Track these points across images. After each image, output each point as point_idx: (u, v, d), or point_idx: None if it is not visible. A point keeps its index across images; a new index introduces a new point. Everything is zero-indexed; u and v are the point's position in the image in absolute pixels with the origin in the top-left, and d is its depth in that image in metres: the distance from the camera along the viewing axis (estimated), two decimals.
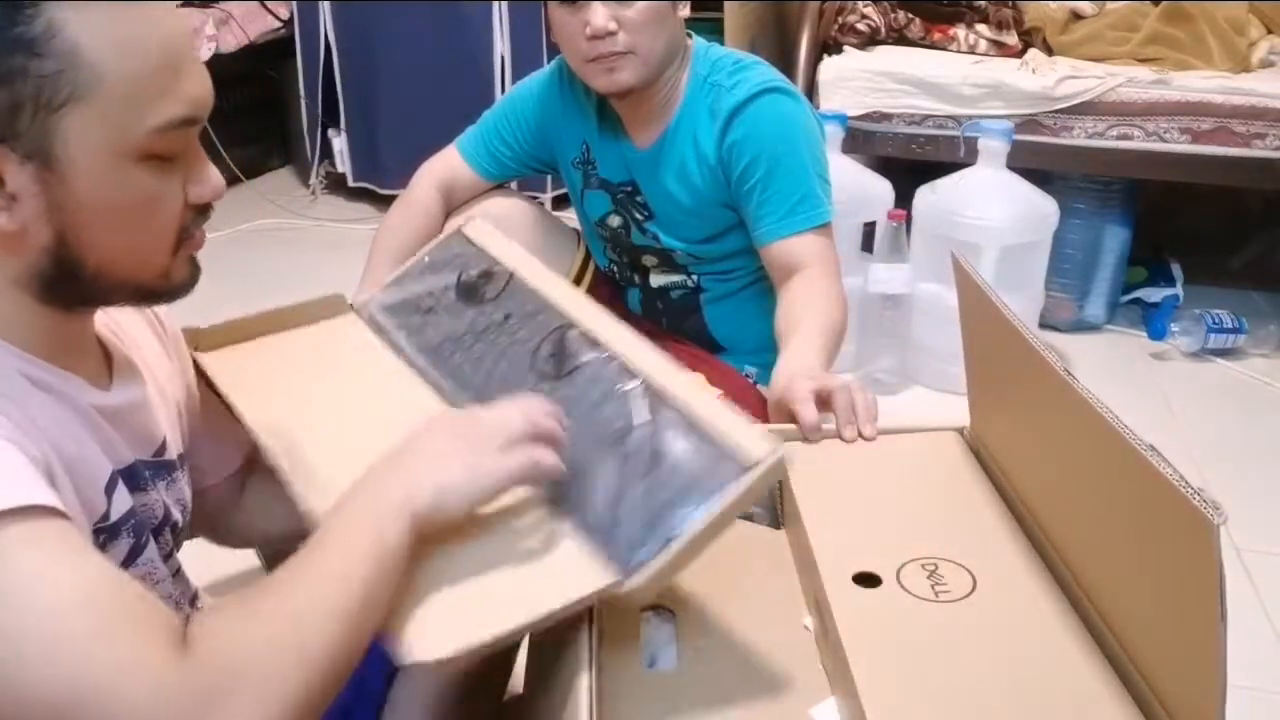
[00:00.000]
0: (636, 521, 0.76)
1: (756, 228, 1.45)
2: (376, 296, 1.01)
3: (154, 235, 0.70)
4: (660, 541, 0.74)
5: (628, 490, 0.78)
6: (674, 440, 0.80)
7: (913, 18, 2.55)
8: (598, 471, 0.80)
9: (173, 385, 0.88)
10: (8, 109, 0.62)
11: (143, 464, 0.78)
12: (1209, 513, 0.59)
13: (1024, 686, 0.74)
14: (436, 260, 1.01)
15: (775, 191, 1.42)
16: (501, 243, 1.01)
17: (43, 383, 0.69)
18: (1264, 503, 1.84)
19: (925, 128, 2.41)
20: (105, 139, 0.64)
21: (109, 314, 0.81)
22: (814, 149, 1.46)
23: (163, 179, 0.68)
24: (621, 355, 0.87)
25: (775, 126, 1.43)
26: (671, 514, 0.75)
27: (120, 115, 0.64)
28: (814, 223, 1.42)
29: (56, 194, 0.65)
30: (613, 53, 1.37)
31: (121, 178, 0.66)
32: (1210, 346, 2.38)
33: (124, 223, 0.67)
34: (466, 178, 1.63)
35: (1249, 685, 1.40)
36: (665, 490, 0.77)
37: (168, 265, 0.72)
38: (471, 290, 0.96)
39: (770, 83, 1.44)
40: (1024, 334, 0.83)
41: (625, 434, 0.82)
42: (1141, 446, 0.66)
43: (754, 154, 1.42)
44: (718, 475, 0.76)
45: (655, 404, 0.83)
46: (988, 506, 0.94)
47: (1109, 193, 2.44)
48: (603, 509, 0.78)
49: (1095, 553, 0.79)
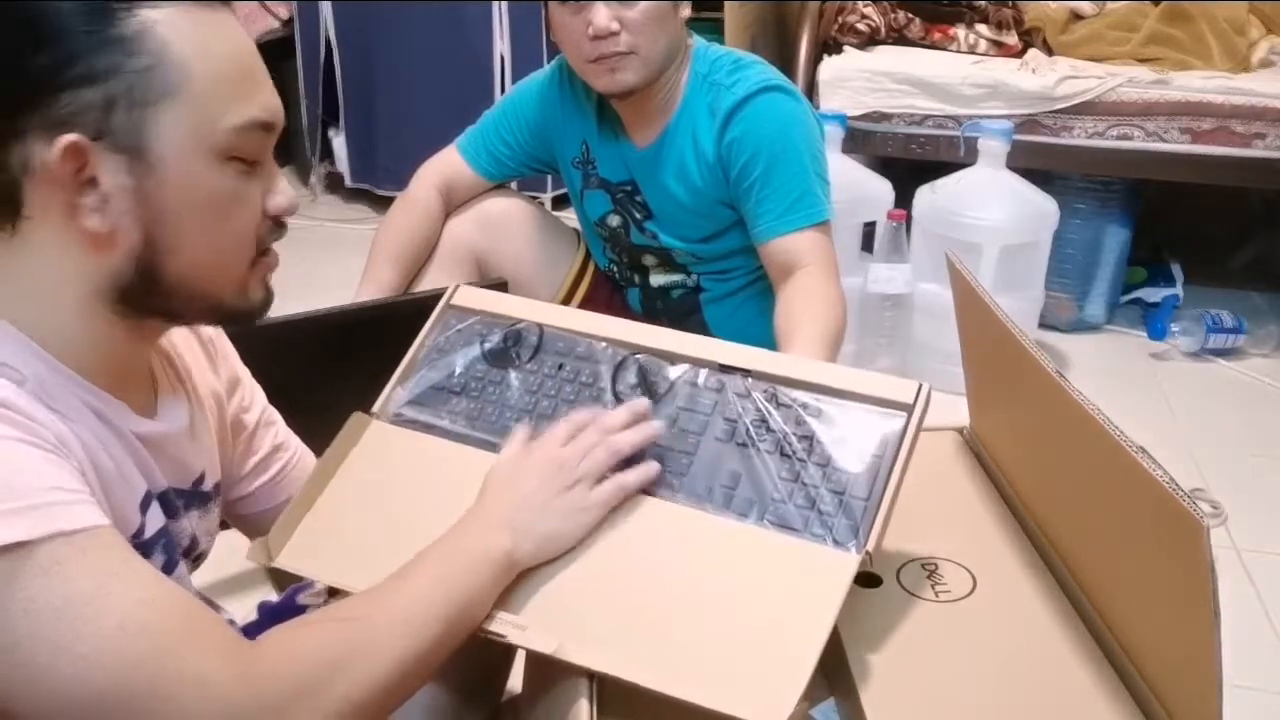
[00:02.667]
0: (830, 497, 0.77)
1: (755, 225, 1.45)
2: (394, 395, 0.95)
3: (235, 240, 0.71)
4: (868, 505, 0.76)
5: (802, 474, 0.79)
6: (816, 415, 0.81)
7: (913, 18, 2.55)
8: (756, 470, 0.80)
9: (216, 402, 0.88)
10: (102, 106, 0.64)
11: (175, 491, 0.78)
12: (1199, 515, 0.60)
13: (1023, 686, 0.74)
14: (441, 342, 0.96)
15: (774, 189, 1.42)
16: (499, 299, 0.97)
17: (90, 405, 0.69)
18: (1264, 503, 1.83)
19: (925, 128, 2.41)
20: (193, 135, 0.66)
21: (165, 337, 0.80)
22: (813, 148, 1.46)
23: (244, 183, 0.70)
24: (705, 358, 0.86)
25: (774, 124, 1.43)
26: (861, 478, 0.77)
27: (206, 112, 0.67)
28: (812, 220, 1.42)
29: (148, 188, 0.66)
30: (615, 53, 1.38)
31: (208, 175, 0.68)
32: (1210, 346, 2.37)
33: (209, 221, 0.69)
34: (466, 177, 1.63)
35: (1249, 685, 1.40)
36: (842, 460, 0.78)
37: (246, 280, 0.73)
38: (503, 356, 0.93)
39: (769, 81, 1.44)
40: (1016, 335, 0.84)
41: (763, 426, 0.81)
42: (1132, 448, 0.67)
43: (753, 152, 1.42)
44: (886, 428, 0.79)
45: (770, 389, 0.83)
46: (988, 506, 0.94)
47: (1109, 193, 2.43)
48: (782, 500, 0.78)
49: (1092, 553, 0.79)
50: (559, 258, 1.68)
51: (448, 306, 0.99)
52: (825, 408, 0.81)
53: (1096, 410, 0.71)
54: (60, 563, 0.58)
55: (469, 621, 0.74)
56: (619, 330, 0.91)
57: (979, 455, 1.01)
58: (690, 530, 0.79)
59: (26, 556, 0.58)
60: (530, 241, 1.63)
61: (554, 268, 1.67)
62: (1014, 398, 0.92)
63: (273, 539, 0.88)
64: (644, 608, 0.75)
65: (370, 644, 0.67)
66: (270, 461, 0.96)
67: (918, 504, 0.95)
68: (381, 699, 0.67)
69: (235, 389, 0.93)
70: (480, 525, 0.77)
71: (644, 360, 0.88)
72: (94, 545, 0.60)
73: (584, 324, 0.92)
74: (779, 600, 0.73)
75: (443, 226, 1.61)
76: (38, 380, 0.66)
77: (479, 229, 1.61)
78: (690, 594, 0.75)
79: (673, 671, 0.70)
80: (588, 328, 0.92)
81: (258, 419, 0.95)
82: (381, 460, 0.91)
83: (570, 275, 1.69)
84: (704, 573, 0.76)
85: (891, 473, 0.77)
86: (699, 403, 0.84)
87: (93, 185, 0.65)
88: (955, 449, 1.03)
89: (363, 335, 1.34)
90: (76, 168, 0.64)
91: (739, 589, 0.75)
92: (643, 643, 0.73)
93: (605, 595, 0.76)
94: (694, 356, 0.87)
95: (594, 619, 0.75)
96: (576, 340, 0.91)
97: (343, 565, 0.84)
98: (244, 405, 0.94)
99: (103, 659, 0.58)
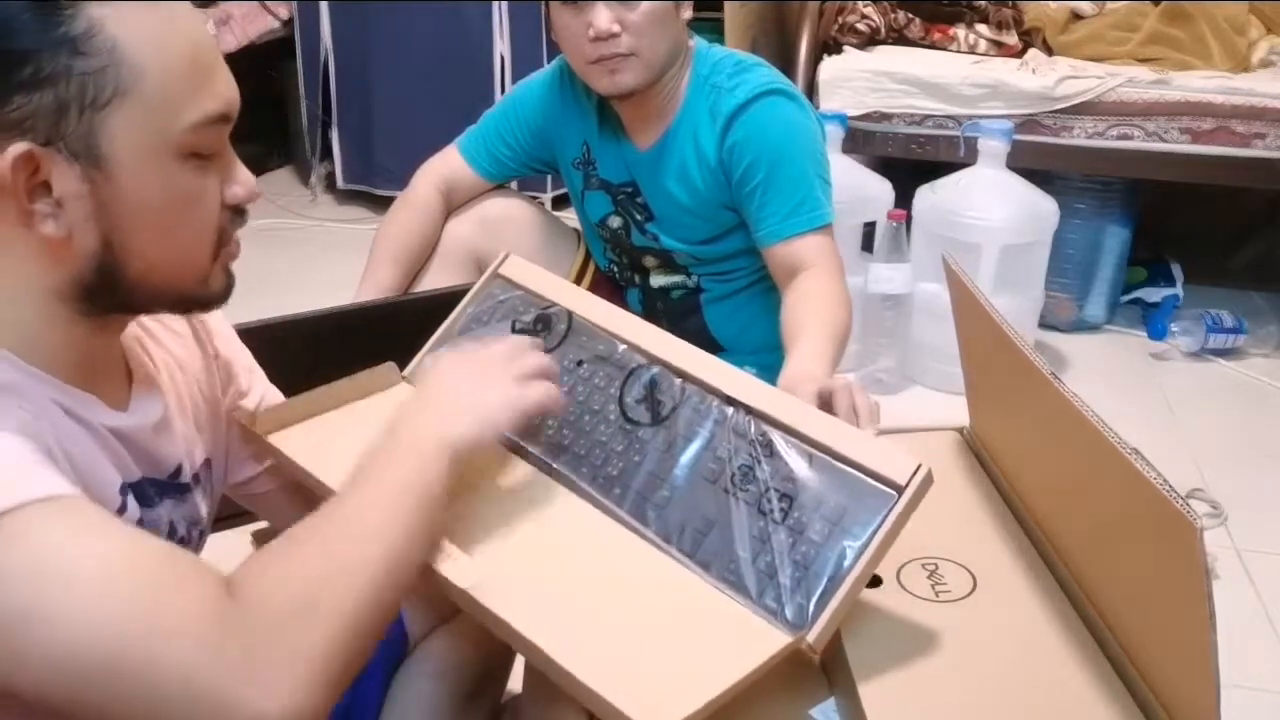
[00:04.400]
0: (791, 569, 0.73)
1: (758, 229, 1.45)
2: (426, 361, 0.98)
3: (195, 236, 0.70)
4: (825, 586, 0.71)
5: (772, 537, 0.74)
6: (804, 474, 0.76)
7: (913, 18, 2.55)
8: (729, 520, 0.77)
9: (201, 380, 0.87)
10: (54, 111, 0.62)
11: (149, 481, 0.78)
12: (1191, 516, 0.60)
13: (1024, 686, 0.74)
14: (481, 311, 0.97)
15: (776, 193, 1.42)
16: (543, 277, 0.97)
17: (59, 403, 0.69)
18: (1264, 503, 1.83)
19: (925, 128, 2.41)
20: (149, 135, 0.65)
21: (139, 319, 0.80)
22: (814, 151, 1.46)
23: (202, 178, 0.69)
24: (713, 385, 0.83)
25: (776, 129, 1.43)
26: (829, 556, 0.72)
27: (161, 111, 0.65)
28: (816, 224, 1.42)
29: (104, 195, 0.65)
30: (615, 54, 1.37)
31: (165, 175, 0.66)
32: (1210, 346, 2.37)
33: (168, 222, 0.68)
34: (467, 178, 1.63)
35: (1249, 685, 1.40)
36: (814, 532, 0.73)
37: (207, 271, 0.72)
38: (530, 338, 0.92)
39: (771, 84, 1.44)
40: (1011, 337, 0.84)
41: (749, 475, 0.78)
42: (1125, 450, 0.67)
43: (754, 156, 1.42)
44: (867, 506, 0.73)
45: (767, 435, 0.79)
46: (988, 506, 0.94)
47: (1109, 193, 2.44)
48: (746, 560, 0.74)
49: (1090, 553, 0.80)
50: (559, 258, 1.68)
51: (495, 275, 0.99)
52: (816, 468, 0.76)
53: (1091, 412, 0.71)
54: (37, 527, 0.58)
55: (431, 514, 0.71)
56: (642, 335, 0.89)
57: (979, 455, 1.01)
58: (646, 565, 0.77)
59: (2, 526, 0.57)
60: (530, 242, 1.63)
61: (554, 268, 1.66)
62: (1011, 399, 0.92)
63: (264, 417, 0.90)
64: (574, 597, 0.74)
65: (343, 557, 0.65)
66: None
67: None
68: (367, 610, 0.65)
69: (230, 372, 0.92)
70: (412, 420, 0.76)
71: (656, 374, 0.87)
72: (68, 509, 0.60)
73: (611, 321, 0.91)
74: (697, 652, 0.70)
75: (443, 227, 1.62)
76: (3, 380, 0.65)
77: (479, 229, 1.61)
78: (620, 611, 0.74)
79: (572, 648, 0.68)
80: (614, 326, 0.91)
81: (258, 403, 0.95)
82: None
83: (570, 275, 1.69)
84: (641, 602, 0.75)
85: (860, 557, 0.71)
86: (695, 433, 0.82)
87: (46, 191, 0.64)
88: (955, 449, 1.03)
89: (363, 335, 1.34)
90: (28, 174, 0.63)
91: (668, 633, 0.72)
92: (557, 617, 0.71)
93: (543, 578, 0.76)
94: (705, 382, 0.84)
95: (522, 584, 0.74)
96: (599, 338, 0.91)
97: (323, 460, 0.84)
98: (241, 390, 0.93)
99: (92, 615, 0.58)
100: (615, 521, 0.81)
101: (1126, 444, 0.67)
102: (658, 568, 0.77)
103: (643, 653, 0.70)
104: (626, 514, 0.81)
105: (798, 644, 0.70)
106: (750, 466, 0.78)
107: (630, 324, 0.91)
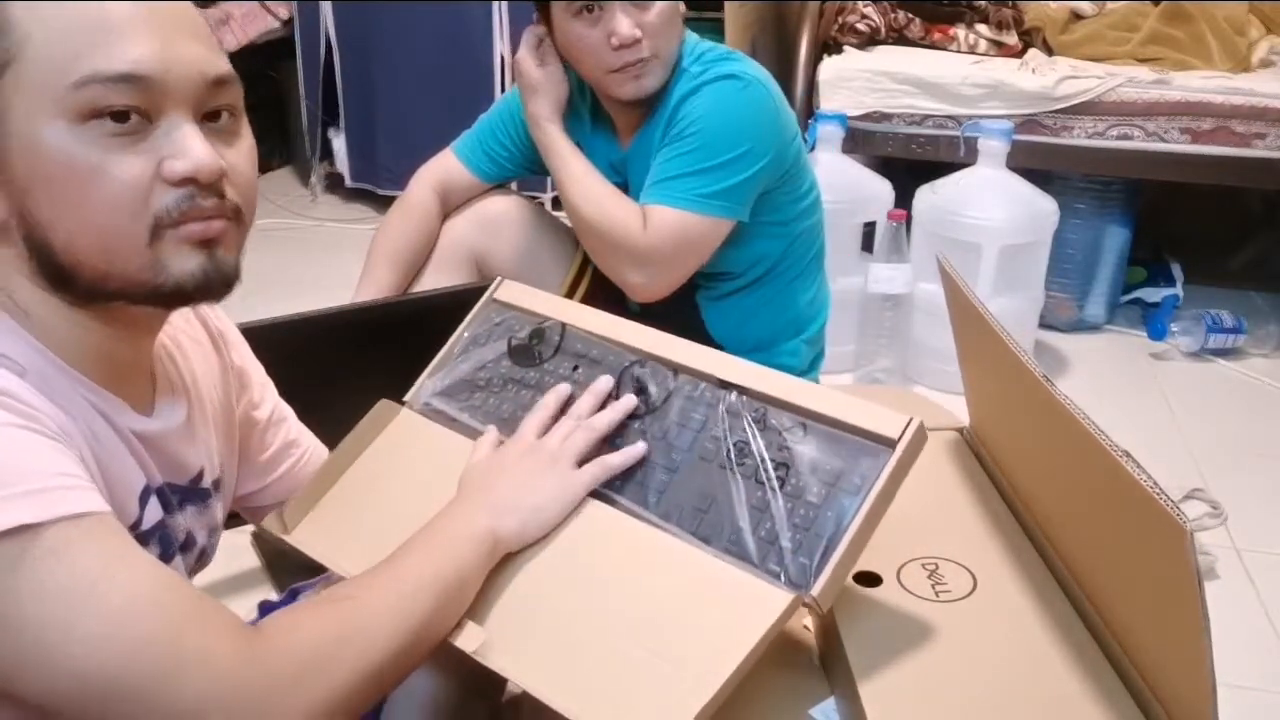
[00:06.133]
0: (791, 533, 0.74)
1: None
2: (425, 385, 0.97)
3: (108, 211, 0.64)
4: (826, 544, 0.72)
5: (771, 505, 0.76)
6: (799, 442, 0.78)
7: (913, 18, 2.55)
8: (729, 494, 0.78)
9: (218, 389, 0.87)
10: None
11: (171, 487, 0.78)
12: (1182, 519, 0.60)
13: (1023, 686, 0.74)
14: (478, 334, 0.97)
15: (672, 159, 1.40)
16: (537, 296, 0.98)
17: (89, 401, 0.69)
18: (1264, 503, 1.83)
19: (925, 128, 2.41)
20: (36, 99, 0.62)
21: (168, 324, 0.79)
22: (745, 138, 1.40)
23: (116, 148, 0.64)
24: (706, 371, 0.85)
25: (713, 105, 1.40)
26: (828, 515, 0.73)
27: (47, 73, 0.62)
28: (681, 202, 1.39)
29: (6, 166, 0.64)
30: (639, 60, 1.37)
31: (60, 141, 0.63)
32: (1210, 346, 2.37)
33: (71, 192, 0.64)
34: (463, 179, 1.63)
35: (1249, 685, 1.40)
36: (811, 495, 0.75)
37: (150, 255, 0.66)
38: (526, 352, 0.93)
39: (733, 72, 1.42)
40: (1004, 339, 0.84)
41: (745, 449, 0.79)
42: (1117, 452, 0.67)
43: (681, 129, 1.41)
44: (862, 464, 0.75)
45: (760, 410, 0.81)
46: (988, 506, 0.94)
47: (1109, 193, 2.44)
48: (747, 530, 0.76)
49: (1087, 555, 0.80)
50: (558, 258, 1.68)
51: (490, 301, 1.00)
52: (810, 435, 0.78)
53: (1083, 415, 0.71)
54: (67, 544, 0.59)
55: (459, 599, 0.75)
56: (631, 335, 0.90)
57: (979, 455, 1.01)
58: (647, 549, 0.78)
59: (34, 539, 0.58)
60: (529, 241, 1.63)
61: (553, 268, 1.67)
62: (1007, 400, 0.92)
63: (289, 514, 0.90)
64: (573, 617, 0.76)
65: (366, 623, 0.68)
66: (282, 457, 0.97)
67: (918, 503, 0.95)
68: (379, 676, 0.68)
69: (244, 383, 0.92)
70: (463, 509, 0.79)
71: (648, 370, 0.88)
72: (99, 529, 0.61)
73: (602, 326, 0.92)
74: (704, 628, 0.72)
75: (440, 228, 1.62)
76: (38, 373, 0.66)
77: (478, 229, 1.61)
78: (622, 611, 0.75)
79: (573, 691, 0.71)
80: (605, 330, 0.92)
81: (269, 415, 0.95)
82: (403, 450, 0.94)
83: (569, 275, 1.69)
84: (645, 593, 0.75)
85: (859, 512, 0.73)
86: (691, 418, 0.83)
87: None
88: (955, 449, 1.03)
89: (362, 336, 1.34)
90: None
91: (673, 615, 0.73)
92: (557, 657, 0.74)
93: (543, 602, 0.77)
94: (695, 369, 0.86)
95: (522, 625, 0.76)
96: (592, 343, 0.92)
97: (352, 551, 0.85)
98: (254, 402, 0.93)
99: (111, 638, 0.59)
100: (615, 509, 0.82)
101: (1118, 446, 0.67)
102: (659, 547, 0.78)
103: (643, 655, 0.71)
104: (627, 500, 0.82)
105: (802, 601, 0.72)
106: (746, 441, 0.80)
107: (623, 327, 0.92)
